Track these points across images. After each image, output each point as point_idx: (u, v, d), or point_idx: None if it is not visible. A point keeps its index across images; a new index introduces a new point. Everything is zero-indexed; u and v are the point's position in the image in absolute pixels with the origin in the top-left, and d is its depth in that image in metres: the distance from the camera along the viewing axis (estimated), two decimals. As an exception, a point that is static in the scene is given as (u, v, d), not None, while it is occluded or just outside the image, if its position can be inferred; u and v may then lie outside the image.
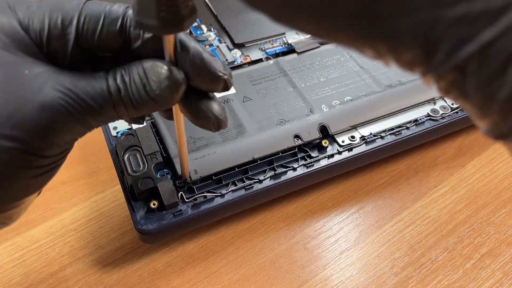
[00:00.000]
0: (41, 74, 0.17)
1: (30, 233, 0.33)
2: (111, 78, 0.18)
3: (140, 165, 0.30)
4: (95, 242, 0.32)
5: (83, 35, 0.19)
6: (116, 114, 0.19)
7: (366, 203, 0.35)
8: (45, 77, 0.17)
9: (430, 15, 0.11)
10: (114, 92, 0.18)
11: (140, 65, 0.19)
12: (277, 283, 0.31)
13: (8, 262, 0.31)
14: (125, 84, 0.18)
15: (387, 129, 0.35)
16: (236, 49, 0.40)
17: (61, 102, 0.17)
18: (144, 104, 0.19)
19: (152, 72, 0.18)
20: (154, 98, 0.19)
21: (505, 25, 0.10)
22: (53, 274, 0.31)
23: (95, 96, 0.18)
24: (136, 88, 0.18)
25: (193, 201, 0.30)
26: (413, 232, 0.33)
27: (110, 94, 0.18)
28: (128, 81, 0.18)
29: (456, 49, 0.11)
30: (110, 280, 0.31)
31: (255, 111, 0.34)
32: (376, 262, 0.32)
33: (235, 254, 0.32)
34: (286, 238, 0.33)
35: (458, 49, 0.11)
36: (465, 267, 0.31)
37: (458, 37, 0.11)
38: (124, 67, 0.19)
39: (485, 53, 0.11)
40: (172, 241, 0.33)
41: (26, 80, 0.17)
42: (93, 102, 0.18)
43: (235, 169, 0.31)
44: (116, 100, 0.18)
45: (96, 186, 0.36)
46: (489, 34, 0.11)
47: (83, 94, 0.18)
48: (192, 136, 0.32)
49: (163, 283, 0.31)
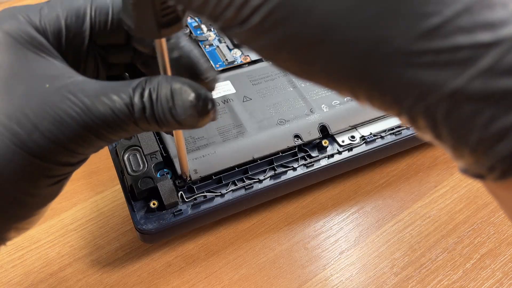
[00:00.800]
0: (61, 89, 0.17)
1: (30, 233, 0.33)
2: (138, 95, 0.18)
3: (140, 165, 0.30)
4: (95, 242, 0.32)
5: (96, 29, 0.19)
6: (139, 129, 0.19)
7: (366, 203, 0.35)
8: (65, 91, 0.17)
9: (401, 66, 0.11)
10: (137, 111, 0.18)
11: (168, 85, 0.18)
12: (277, 283, 0.31)
13: (8, 262, 0.31)
14: (151, 103, 0.18)
15: (387, 129, 0.35)
16: (236, 49, 0.40)
17: (78, 119, 0.17)
18: (168, 124, 0.18)
19: (180, 97, 0.18)
20: (179, 121, 0.18)
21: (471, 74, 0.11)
22: (53, 274, 0.31)
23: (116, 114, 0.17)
24: (162, 110, 0.18)
25: (193, 201, 0.30)
26: (413, 232, 0.33)
27: (133, 112, 0.18)
28: (155, 100, 0.18)
29: (425, 96, 0.11)
30: (110, 280, 0.31)
31: (255, 111, 0.34)
32: (376, 262, 0.32)
33: (235, 254, 0.32)
34: (286, 238, 0.33)
35: (426, 95, 0.11)
36: (465, 267, 0.31)
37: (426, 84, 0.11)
38: (152, 83, 0.18)
39: (453, 99, 0.11)
40: (172, 241, 0.33)
41: (47, 95, 0.17)
42: (113, 120, 0.17)
43: (235, 169, 0.31)
44: (139, 118, 0.18)
45: (96, 186, 0.36)
46: (456, 82, 0.11)
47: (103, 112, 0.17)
48: (192, 136, 0.32)
49: (163, 283, 0.31)
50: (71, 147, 0.17)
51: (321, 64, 0.12)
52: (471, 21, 0.11)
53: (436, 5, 0.11)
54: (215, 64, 0.39)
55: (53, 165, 0.17)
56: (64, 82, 0.17)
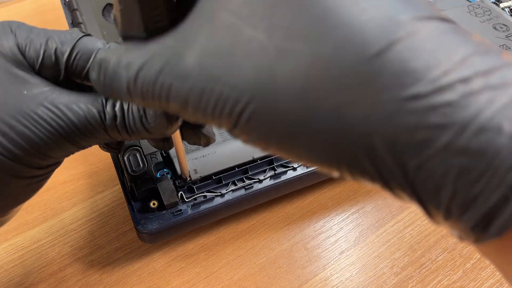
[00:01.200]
0: (38, 95, 0.18)
1: (30, 233, 0.33)
2: (110, 105, 0.19)
3: (140, 165, 0.30)
4: (95, 242, 0.32)
5: (72, 70, 0.20)
6: (108, 137, 0.20)
7: (366, 203, 0.35)
8: (41, 98, 0.18)
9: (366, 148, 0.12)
10: (109, 119, 0.19)
11: None
12: (277, 283, 0.31)
13: (8, 262, 0.31)
14: (122, 112, 0.19)
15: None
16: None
17: (53, 124, 0.18)
18: (138, 133, 0.20)
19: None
20: (149, 129, 0.20)
21: (425, 157, 0.11)
22: (53, 274, 0.31)
23: (88, 121, 0.19)
24: (132, 118, 0.19)
25: (193, 201, 0.30)
26: (413, 232, 0.33)
27: (104, 120, 0.19)
28: (126, 109, 0.19)
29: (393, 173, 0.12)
30: (110, 280, 0.31)
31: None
32: (376, 262, 0.32)
33: (235, 254, 0.32)
34: (286, 238, 0.33)
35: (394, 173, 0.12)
36: (465, 267, 0.31)
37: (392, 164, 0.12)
38: None
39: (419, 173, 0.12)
40: (172, 241, 0.33)
41: (24, 100, 0.18)
42: (85, 126, 0.19)
43: (235, 168, 0.31)
44: (110, 126, 0.19)
45: (96, 186, 0.36)
46: (413, 163, 0.11)
47: (76, 118, 0.19)
48: (192, 136, 0.32)
49: (163, 283, 0.31)
50: (43, 150, 0.18)
51: (304, 153, 0.13)
52: (424, 104, 0.11)
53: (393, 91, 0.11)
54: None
55: (24, 166, 0.18)
56: (41, 90, 0.19)
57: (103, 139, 0.20)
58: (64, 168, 0.37)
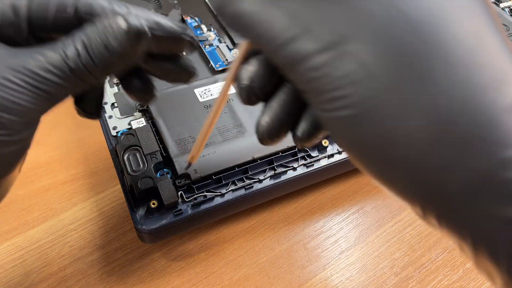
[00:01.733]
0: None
1: (30, 233, 0.33)
2: (71, 44, 0.18)
3: (140, 164, 0.30)
4: (95, 242, 0.32)
5: (33, 23, 0.19)
6: (81, 81, 0.19)
7: (366, 203, 0.35)
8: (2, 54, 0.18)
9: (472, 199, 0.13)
10: (72, 58, 0.18)
11: (99, 23, 0.18)
12: (277, 283, 0.31)
13: (8, 262, 0.31)
14: (84, 46, 0.18)
15: (387, 129, 0.35)
16: (236, 49, 0.40)
17: (16, 81, 0.17)
18: (105, 61, 0.18)
19: (111, 28, 0.18)
20: (115, 53, 0.18)
21: None
22: (53, 274, 0.31)
23: (51, 67, 0.18)
24: (96, 46, 0.18)
25: (193, 201, 0.30)
26: (413, 232, 0.33)
27: (67, 60, 0.18)
28: (88, 43, 0.18)
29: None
30: (110, 280, 0.31)
31: (255, 111, 0.34)
32: (376, 262, 0.32)
33: (235, 254, 0.32)
34: (286, 238, 0.33)
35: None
36: (465, 267, 0.31)
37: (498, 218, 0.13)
38: (83, 30, 0.18)
39: None
40: (172, 241, 0.33)
41: None
42: (50, 74, 0.18)
43: (235, 168, 0.31)
44: (75, 65, 0.18)
45: (96, 186, 0.36)
46: None
47: (37, 68, 0.18)
48: (192, 136, 0.32)
49: (163, 283, 0.31)
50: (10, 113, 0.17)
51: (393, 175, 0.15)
52: None
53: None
54: (215, 64, 0.39)
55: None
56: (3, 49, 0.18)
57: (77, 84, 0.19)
58: (64, 168, 0.37)
